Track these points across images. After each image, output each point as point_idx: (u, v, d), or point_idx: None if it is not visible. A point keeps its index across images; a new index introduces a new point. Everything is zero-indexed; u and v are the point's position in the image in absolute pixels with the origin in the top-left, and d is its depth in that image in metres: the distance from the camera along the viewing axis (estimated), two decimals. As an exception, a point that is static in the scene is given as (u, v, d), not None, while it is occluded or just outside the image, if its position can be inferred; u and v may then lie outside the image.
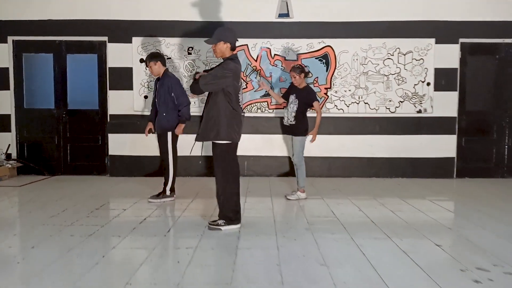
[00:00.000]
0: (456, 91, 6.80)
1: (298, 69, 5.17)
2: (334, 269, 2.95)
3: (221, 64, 3.84)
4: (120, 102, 6.82)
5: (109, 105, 6.87)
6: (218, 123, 3.76)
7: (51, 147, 6.99)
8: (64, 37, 6.83)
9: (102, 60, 6.89)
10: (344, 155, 6.84)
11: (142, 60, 6.67)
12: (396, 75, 6.73)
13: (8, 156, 6.85)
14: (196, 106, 6.74)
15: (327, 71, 6.75)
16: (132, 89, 6.79)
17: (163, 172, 5.22)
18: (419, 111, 6.77)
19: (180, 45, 6.75)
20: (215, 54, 3.91)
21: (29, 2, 6.73)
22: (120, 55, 6.78)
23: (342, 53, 6.73)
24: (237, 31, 6.53)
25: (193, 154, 6.65)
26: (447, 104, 6.78)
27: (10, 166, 6.62)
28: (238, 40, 4.03)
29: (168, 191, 5.13)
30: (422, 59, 6.71)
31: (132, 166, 6.85)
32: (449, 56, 6.73)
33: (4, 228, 3.94)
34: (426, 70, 6.72)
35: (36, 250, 3.31)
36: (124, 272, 2.87)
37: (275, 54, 6.76)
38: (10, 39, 6.84)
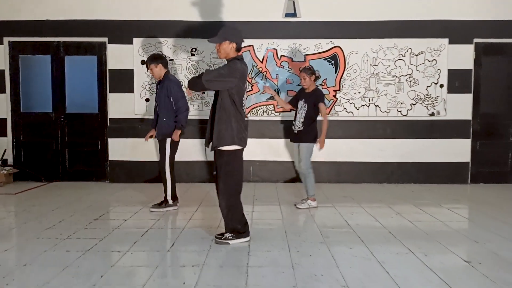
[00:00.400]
0: (471, 93, 6.53)
1: (309, 70, 4.90)
2: (356, 290, 2.67)
3: (228, 63, 3.57)
4: (121, 106, 6.56)
5: (109, 108, 6.60)
6: (227, 129, 3.48)
7: (49, 152, 6.72)
8: (62, 38, 6.57)
9: (102, 61, 6.62)
10: (354, 160, 6.57)
11: (143, 62, 6.41)
12: (408, 76, 6.46)
13: (4, 162, 6.59)
14: (195, 109, 6.47)
15: (336, 72, 6.49)
16: (133, 92, 6.53)
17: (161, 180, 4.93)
18: (432, 114, 6.50)
19: (183, 46, 6.48)
20: (219, 55, 3.59)
21: (25, 1, 6.47)
22: (120, 56, 6.51)
23: (352, 53, 6.46)
24: (242, 32, 6.40)
25: (195, 159, 6.52)
26: (461, 107, 6.51)
27: (6, 172, 6.35)
28: (244, 41, 3.73)
29: (170, 199, 4.85)
30: (435, 60, 6.44)
31: (133, 172, 6.58)
32: (463, 56, 6.47)
33: (-4, 241, 3.67)
34: (439, 71, 6.45)
35: (29, 268, 3.03)
36: (124, 295, 2.60)
37: (281, 55, 6.49)
38: (6, 40, 6.58)
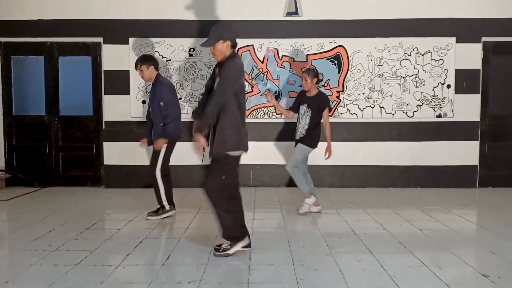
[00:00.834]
0: (479, 93, 6.29)
1: (312, 72, 4.66)
2: (367, 310, 2.44)
3: (220, 72, 3.25)
4: (116, 108, 6.32)
5: (104, 111, 6.36)
6: (233, 134, 3.25)
7: (42, 157, 6.48)
8: (56, 38, 6.34)
9: (97, 62, 6.39)
10: (358, 164, 6.33)
11: (139, 63, 6.19)
12: (413, 76, 6.23)
13: (-4, 167, 6.37)
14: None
15: (339, 73, 6.25)
16: (129, 93, 6.29)
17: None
18: (439, 116, 6.26)
19: (181, 46, 6.25)
20: (216, 57, 3.32)
21: (18, 1, 6.25)
22: (116, 57, 6.28)
23: (356, 53, 6.22)
24: (242, 31, 6.19)
25: (194, 163, 6.28)
26: (468, 108, 6.28)
27: (-3, 178, 6.13)
28: (237, 36, 3.45)
29: (166, 204, 4.57)
30: (441, 59, 6.21)
31: (128, 177, 6.34)
32: (470, 56, 6.23)
33: (-20, 254, 3.44)
34: (446, 71, 6.22)
35: (10, 285, 2.79)
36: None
37: (283, 55, 6.26)
38: (-2, 40, 6.37)
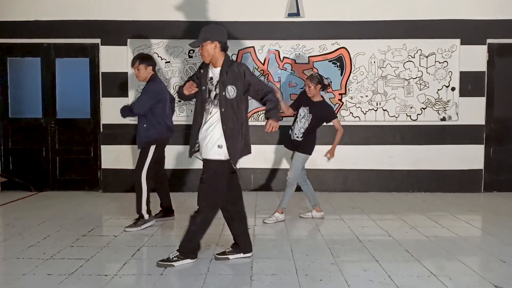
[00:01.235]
0: (484, 96, 6.19)
1: (315, 78, 4.53)
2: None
3: (240, 70, 3.20)
4: (114, 110, 6.13)
5: (102, 113, 6.25)
6: (240, 142, 3.19)
7: (39, 160, 6.35)
8: (53, 39, 6.22)
9: (95, 64, 6.27)
10: (361, 168, 6.21)
11: (138, 64, 6.07)
12: (417, 79, 6.12)
13: (-9, 171, 6.25)
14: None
15: (341, 75, 6.14)
16: (127, 96, 6.17)
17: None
18: (443, 119, 6.15)
19: (180, 47, 6.13)
20: (204, 58, 3.22)
21: (14, 1, 6.13)
22: (114, 59, 6.16)
23: (358, 55, 6.11)
24: (242, 32, 6.08)
25: (193, 167, 6.14)
26: (473, 111, 6.17)
27: (-7, 182, 6.00)
28: (227, 40, 3.32)
29: (146, 214, 4.31)
30: (446, 61, 6.10)
31: (127, 181, 6.19)
32: (475, 58, 6.13)
33: (-29, 263, 3.31)
34: (450, 73, 6.11)
35: (2, 297, 2.67)
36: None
37: (284, 57, 6.15)
38: (-7, 41, 6.25)
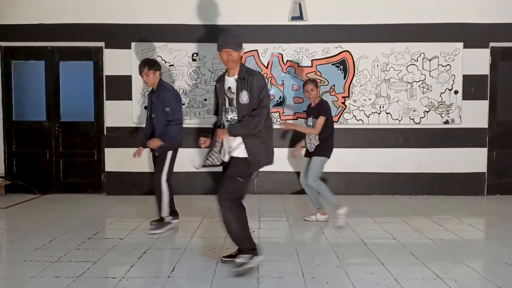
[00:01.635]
0: (487, 99, 6.21)
1: (313, 82, 4.57)
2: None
3: (260, 84, 3.10)
4: (118, 114, 6.22)
5: (105, 116, 6.27)
6: (265, 150, 3.20)
7: (43, 163, 6.37)
8: (57, 42, 6.25)
9: (98, 67, 6.30)
10: (364, 171, 6.23)
11: (142, 68, 6.11)
12: (420, 82, 6.14)
13: (-5, 173, 6.26)
14: (196, 117, 6.15)
15: (344, 78, 6.16)
16: (131, 99, 6.19)
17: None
18: (446, 122, 6.17)
19: (184, 51, 6.16)
20: (230, 64, 3.12)
21: (18, 4, 6.16)
22: (118, 62, 6.19)
23: (361, 58, 6.14)
24: (246, 36, 6.07)
25: (195, 170, 6.16)
26: (476, 114, 6.19)
27: (-3, 185, 6.01)
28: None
29: (168, 216, 4.36)
30: (449, 65, 6.12)
31: (130, 184, 6.24)
32: (478, 61, 6.15)
33: (-22, 265, 3.32)
34: (453, 77, 6.13)
35: (11, 299, 2.68)
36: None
37: (287, 60, 6.17)
38: (-2, 45, 6.29)
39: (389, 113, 6.16)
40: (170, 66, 6.15)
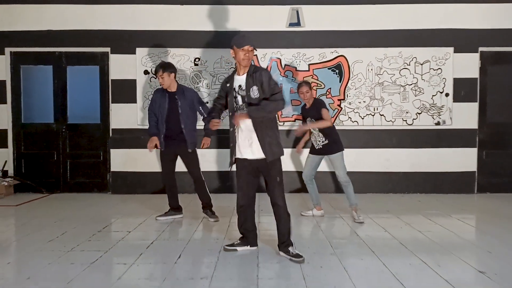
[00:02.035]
0: (476, 102, 6.48)
1: (307, 84, 4.82)
2: (372, 303, 2.57)
3: (269, 77, 3.38)
4: (123, 116, 6.49)
5: (111, 119, 6.53)
6: (278, 141, 3.54)
7: (50, 164, 6.63)
8: (64, 48, 6.53)
9: (104, 72, 6.57)
10: (359, 170, 6.48)
11: (146, 72, 6.39)
12: (413, 85, 6.42)
13: (5, 173, 6.50)
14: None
15: (340, 81, 6.43)
16: (135, 102, 6.46)
17: (198, 192, 4.87)
18: (438, 123, 6.44)
19: (186, 56, 6.43)
20: (243, 63, 3.35)
21: (27, 11, 6.44)
22: (123, 66, 6.46)
23: (356, 63, 6.42)
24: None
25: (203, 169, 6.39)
26: (467, 116, 6.46)
27: (7, 184, 6.25)
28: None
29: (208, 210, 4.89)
30: (440, 68, 6.40)
31: (135, 184, 6.49)
32: (468, 65, 6.43)
33: (-3, 254, 3.57)
34: (444, 80, 6.41)
35: (32, 281, 2.92)
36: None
37: (285, 65, 6.45)
38: (8, 50, 6.54)
39: (383, 115, 6.43)
40: (173, 70, 6.41)
